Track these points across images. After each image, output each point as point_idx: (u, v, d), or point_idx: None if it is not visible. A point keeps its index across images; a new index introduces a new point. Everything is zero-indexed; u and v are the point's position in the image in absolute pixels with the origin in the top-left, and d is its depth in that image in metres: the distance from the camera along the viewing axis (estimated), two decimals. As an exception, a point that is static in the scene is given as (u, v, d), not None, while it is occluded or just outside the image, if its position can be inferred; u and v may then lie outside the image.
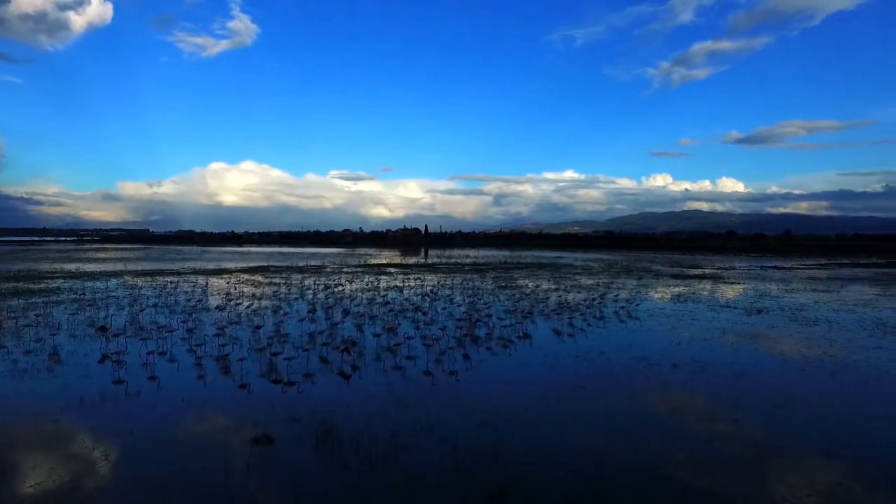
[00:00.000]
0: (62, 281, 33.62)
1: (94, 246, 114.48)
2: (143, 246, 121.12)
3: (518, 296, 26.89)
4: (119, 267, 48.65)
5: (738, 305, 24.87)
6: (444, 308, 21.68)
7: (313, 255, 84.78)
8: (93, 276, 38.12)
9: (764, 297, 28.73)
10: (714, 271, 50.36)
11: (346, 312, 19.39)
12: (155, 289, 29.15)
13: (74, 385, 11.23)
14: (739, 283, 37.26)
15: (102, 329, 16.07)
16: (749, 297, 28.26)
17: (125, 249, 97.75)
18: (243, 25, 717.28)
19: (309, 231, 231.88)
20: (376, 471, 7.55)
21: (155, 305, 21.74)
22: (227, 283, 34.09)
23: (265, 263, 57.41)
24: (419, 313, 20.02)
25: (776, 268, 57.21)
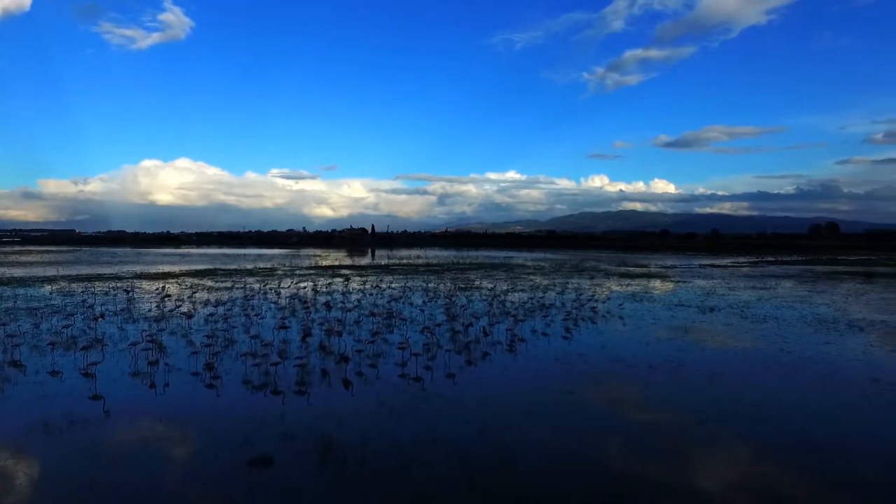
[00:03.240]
0: (-12, 289, 30.90)
1: (16, 248, 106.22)
2: (70, 248, 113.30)
3: (482, 298, 27.09)
4: (50, 272, 45.23)
5: (691, 304, 26.16)
6: (419, 313, 21.57)
7: (259, 256, 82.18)
8: (23, 282, 35.27)
9: (711, 295, 30.38)
10: (658, 270, 52.78)
11: (320, 322, 18.90)
12: (98, 295, 27.28)
13: (33, 405, 10.38)
14: (685, 282, 39.21)
15: (53, 344, 14.94)
16: (698, 296, 29.77)
17: (52, 252, 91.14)
18: (176, 18, 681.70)
19: (251, 231, 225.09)
20: (384, 473, 7.44)
21: (102, 315, 20.19)
22: (176, 288, 32.45)
23: (210, 266, 55.12)
24: (395, 318, 19.73)
25: (713, 266, 60.59)
